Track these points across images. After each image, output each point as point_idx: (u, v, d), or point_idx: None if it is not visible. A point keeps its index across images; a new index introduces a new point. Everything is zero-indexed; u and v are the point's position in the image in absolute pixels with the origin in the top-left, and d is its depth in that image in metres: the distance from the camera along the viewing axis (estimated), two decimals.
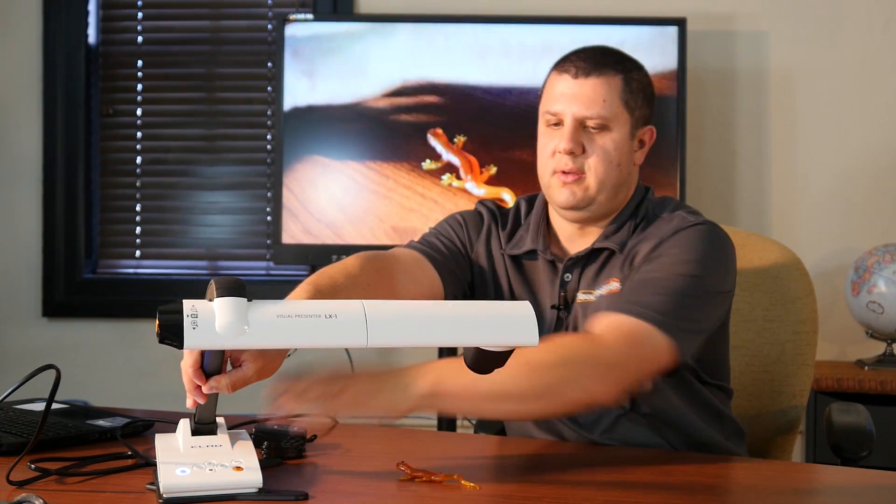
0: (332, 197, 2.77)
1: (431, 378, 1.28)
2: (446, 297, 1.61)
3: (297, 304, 1.18)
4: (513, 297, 1.63)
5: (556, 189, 1.60)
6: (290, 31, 2.77)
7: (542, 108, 1.63)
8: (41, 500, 1.08)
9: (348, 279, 1.44)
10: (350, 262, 1.50)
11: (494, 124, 2.76)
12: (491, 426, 1.83)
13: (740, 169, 2.99)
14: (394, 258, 1.59)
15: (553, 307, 1.60)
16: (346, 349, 1.37)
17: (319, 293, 1.39)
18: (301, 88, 2.77)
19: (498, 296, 1.65)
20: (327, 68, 2.77)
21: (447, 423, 2.72)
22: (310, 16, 2.80)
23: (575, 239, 1.64)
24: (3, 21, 3.12)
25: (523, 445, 1.55)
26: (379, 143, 2.77)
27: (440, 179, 2.75)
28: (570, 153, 1.57)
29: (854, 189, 2.97)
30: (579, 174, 1.57)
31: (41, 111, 3.10)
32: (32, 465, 1.26)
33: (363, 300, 1.16)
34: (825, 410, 1.84)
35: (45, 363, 1.27)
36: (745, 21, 2.99)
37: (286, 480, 1.28)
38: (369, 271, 1.49)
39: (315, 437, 1.48)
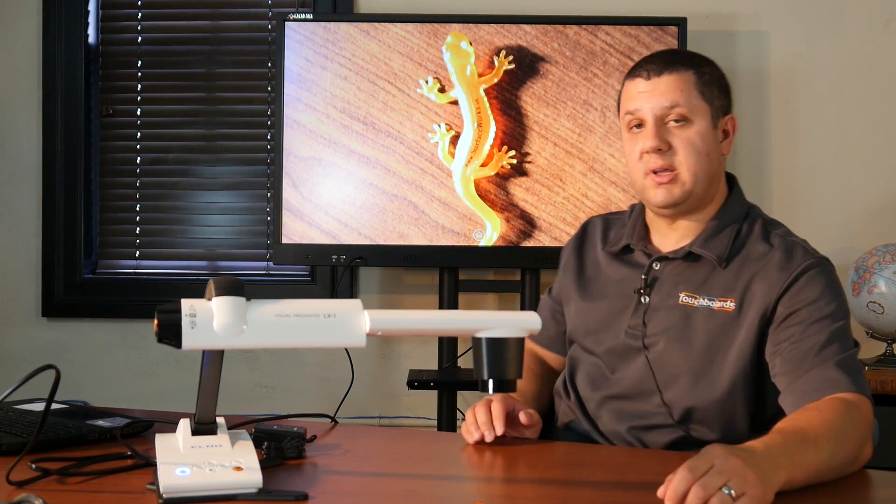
0: (333, 197, 2.77)
1: (789, 462, 1.22)
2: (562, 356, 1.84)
3: (295, 303, 1.18)
4: (592, 283, 1.72)
5: (651, 191, 1.61)
6: (290, 30, 2.77)
7: (621, 114, 1.66)
8: (41, 500, 1.08)
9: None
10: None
11: None
12: None
13: (740, 169, 2.99)
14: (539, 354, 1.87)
15: (635, 291, 1.64)
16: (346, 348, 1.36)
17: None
18: (301, 88, 2.77)
19: (581, 290, 1.73)
20: (326, 68, 2.77)
21: (447, 423, 2.72)
22: (310, 15, 2.80)
23: (668, 234, 1.67)
24: (3, 21, 3.12)
25: (523, 445, 1.55)
26: (379, 143, 2.77)
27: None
28: (658, 150, 1.58)
29: (854, 189, 2.97)
30: (671, 171, 1.58)
31: (41, 111, 3.10)
32: (33, 465, 1.26)
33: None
34: None
35: (44, 363, 1.27)
36: (745, 21, 2.99)
37: (286, 480, 1.28)
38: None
39: (315, 437, 1.48)
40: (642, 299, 1.63)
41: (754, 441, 1.25)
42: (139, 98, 3.15)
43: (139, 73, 3.14)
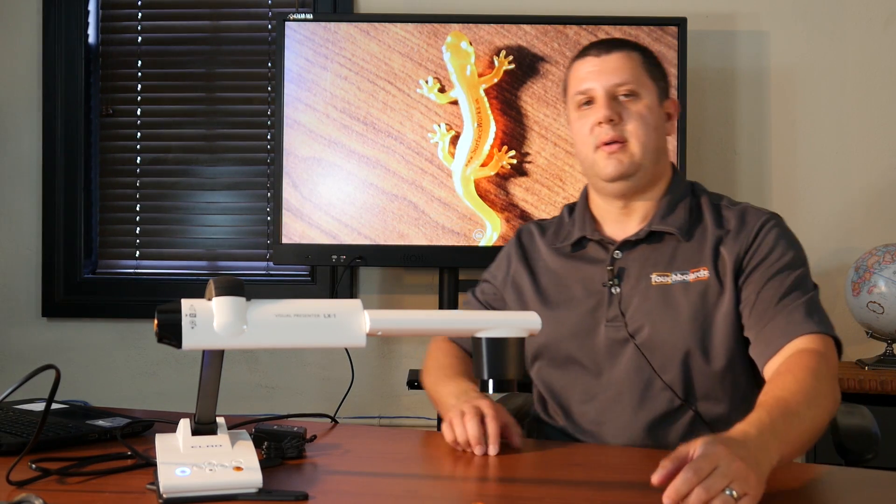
0: (333, 197, 2.77)
1: (779, 443, 1.24)
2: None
3: (295, 303, 1.18)
4: (556, 282, 1.69)
5: (602, 163, 1.62)
6: (290, 30, 2.78)
7: (570, 94, 1.68)
8: (41, 500, 1.08)
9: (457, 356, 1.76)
10: (444, 346, 1.81)
11: None
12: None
13: (740, 169, 2.99)
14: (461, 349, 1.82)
15: (604, 284, 1.63)
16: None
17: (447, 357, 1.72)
18: (301, 88, 2.78)
19: (540, 290, 1.70)
20: (326, 68, 2.77)
21: None
22: (310, 15, 2.80)
23: (621, 220, 1.67)
24: (3, 21, 3.12)
25: (523, 445, 1.55)
26: (379, 143, 2.77)
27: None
28: (610, 121, 1.60)
29: (854, 189, 2.97)
30: (622, 141, 1.61)
31: (41, 111, 3.10)
32: (33, 465, 1.26)
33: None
34: None
35: (44, 363, 1.26)
36: (745, 21, 2.99)
37: (286, 480, 1.28)
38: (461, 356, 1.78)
39: (315, 437, 1.48)
40: (613, 290, 1.62)
41: (745, 426, 1.25)
42: (139, 98, 3.15)
43: (139, 73, 3.14)
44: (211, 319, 1.13)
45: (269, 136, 3.11)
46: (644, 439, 1.58)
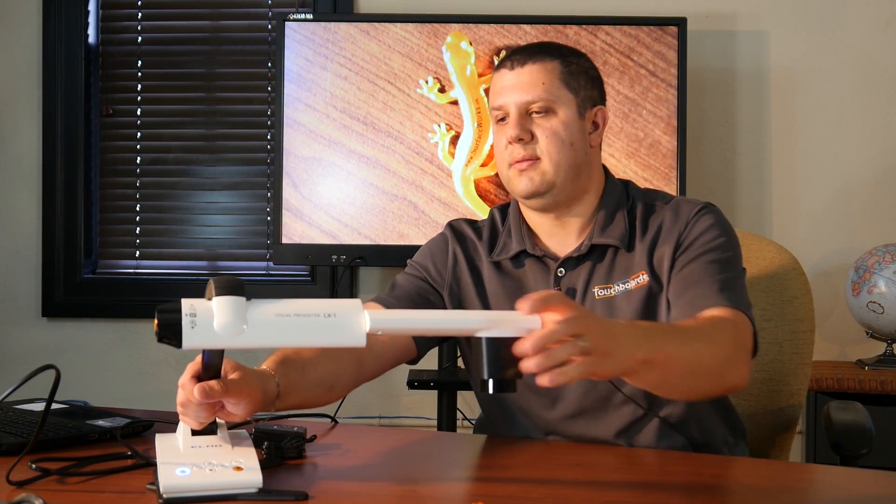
0: (333, 197, 2.77)
1: (649, 345, 1.21)
2: (420, 353, 1.67)
3: (295, 303, 1.18)
4: (502, 303, 1.62)
5: (515, 180, 1.58)
6: (290, 30, 2.78)
7: (489, 108, 1.64)
8: (41, 500, 1.08)
9: (313, 350, 1.47)
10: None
11: None
12: (491, 428, 1.82)
13: (740, 169, 2.99)
14: None
15: None
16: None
17: (284, 360, 1.44)
18: (301, 88, 2.78)
19: (486, 304, 1.64)
20: (326, 68, 2.77)
21: (447, 423, 2.72)
22: (310, 15, 2.80)
23: (557, 233, 1.62)
24: (3, 21, 3.12)
25: (523, 445, 1.55)
26: (379, 143, 2.77)
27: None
28: (519, 140, 1.56)
29: (854, 189, 2.97)
30: (533, 159, 1.56)
31: (41, 111, 3.10)
32: (33, 465, 1.26)
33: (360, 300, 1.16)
34: (823, 408, 1.84)
35: (44, 363, 1.26)
36: (745, 21, 2.99)
37: (286, 480, 1.28)
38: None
39: (315, 437, 1.48)
40: None
41: (618, 320, 1.24)
42: (139, 98, 3.15)
43: (139, 73, 3.14)
44: (211, 319, 1.13)
45: (269, 136, 3.11)
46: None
